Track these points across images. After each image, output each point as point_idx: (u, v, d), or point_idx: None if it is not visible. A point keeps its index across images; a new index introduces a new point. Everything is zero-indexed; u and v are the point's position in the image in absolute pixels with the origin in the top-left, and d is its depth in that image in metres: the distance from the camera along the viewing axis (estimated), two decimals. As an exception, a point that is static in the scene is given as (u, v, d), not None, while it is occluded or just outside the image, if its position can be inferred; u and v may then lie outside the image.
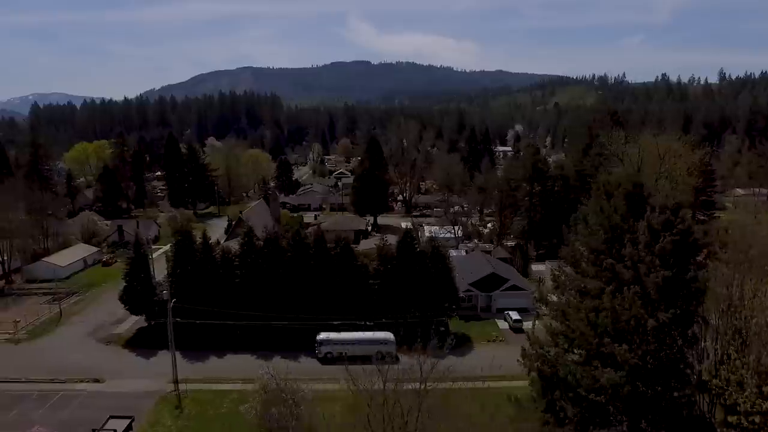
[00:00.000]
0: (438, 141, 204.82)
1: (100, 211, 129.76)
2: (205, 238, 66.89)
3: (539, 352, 38.46)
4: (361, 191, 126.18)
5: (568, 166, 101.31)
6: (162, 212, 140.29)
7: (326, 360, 61.04)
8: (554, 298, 44.33)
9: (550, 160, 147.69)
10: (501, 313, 75.76)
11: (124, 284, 67.71)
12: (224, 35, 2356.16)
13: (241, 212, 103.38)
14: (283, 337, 64.39)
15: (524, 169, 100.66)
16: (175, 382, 56.41)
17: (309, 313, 64.79)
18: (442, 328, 68.44)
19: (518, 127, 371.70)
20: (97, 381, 57.48)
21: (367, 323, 65.11)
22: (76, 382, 57.37)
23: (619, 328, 30.33)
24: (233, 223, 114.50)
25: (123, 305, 68.49)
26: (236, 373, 59.14)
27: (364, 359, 57.99)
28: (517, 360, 44.07)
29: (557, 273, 40.01)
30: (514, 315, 72.75)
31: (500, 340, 68.79)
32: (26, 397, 54.16)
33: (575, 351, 34.57)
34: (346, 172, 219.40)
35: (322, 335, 61.73)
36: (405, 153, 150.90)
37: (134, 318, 73.09)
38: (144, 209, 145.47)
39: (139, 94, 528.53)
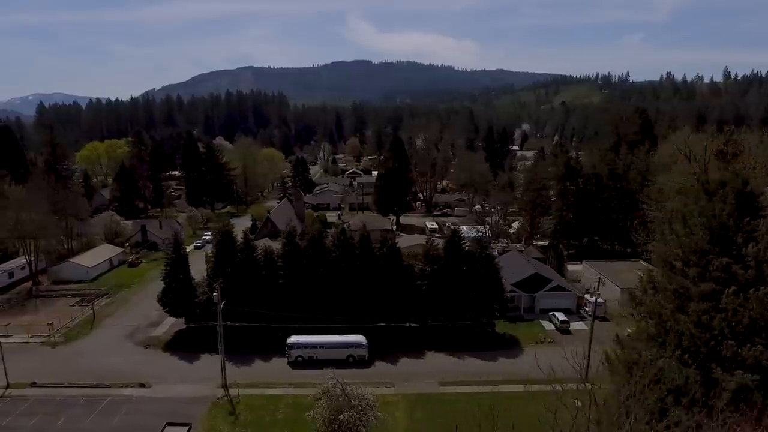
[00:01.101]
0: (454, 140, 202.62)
1: (116, 210, 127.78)
2: (247, 238, 65.08)
3: (632, 356, 36.73)
4: (384, 191, 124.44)
5: (601, 166, 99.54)
6: (182, 212, 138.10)
7: (297, 364, 59.44)
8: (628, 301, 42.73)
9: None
10: (544, 314, 74.28)
11: (163, 285, 65.90)
12: (224, 35, 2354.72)
13: (268, 212, 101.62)
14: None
15: (556, 168, 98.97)
16: (225, 386, 54.83)
17: (354, 315, 63.24)
18: (490, 330, 67.04)
19: (525, 126, 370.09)
20: (143, 386, 55.67)
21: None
22: (122, 387, 55.56)
23: (739, 330, 28.74)
24: (256, 222, 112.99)
25: (162, 307, 66.68)
26: (284, 376, 57.62)
27: (336, 362, 57.38)
28: (602, 362, 42.24)
29: (651, 275, 38.22)
30: (561, 316, 71.20)
31: (548, 342, 67.17)
32: (73, 403, 52.33)
33: (680, 355, 32.86)
34: (359, 171, 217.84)
35: (293, 338, 60.25)
36: (427, 152, 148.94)
37: (170, 320, 71.37)
38: (161, 209, 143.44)
39: (140, 94, 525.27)
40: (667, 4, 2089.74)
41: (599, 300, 76.14)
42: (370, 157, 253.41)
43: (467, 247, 65.28)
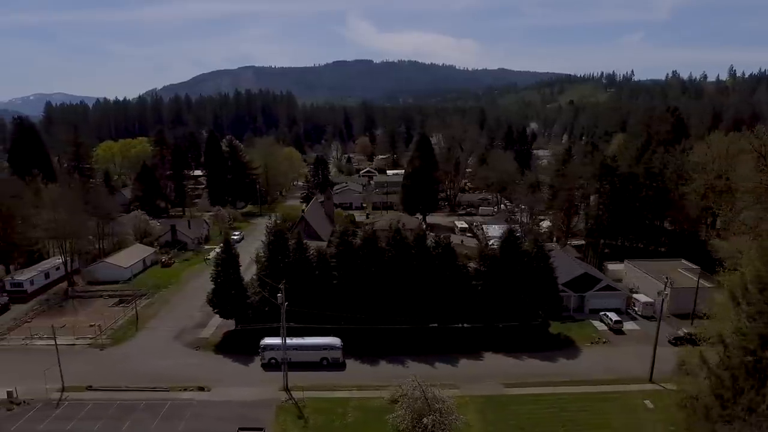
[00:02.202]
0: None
1: (137, 210, 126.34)
2: (300, 237, 63.91)
3: (741, 358, 35.62)
4: (411, 190, 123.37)
5: (637, 165, 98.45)
6: (207, 211, 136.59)
7: (270, 366, 58.39)
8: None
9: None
10: (593, 314, 73.31)
11: (212, 286, 64.71)
12: (225, 35, 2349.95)
13: (303, 211, 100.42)
14: (385, 341, 61.83)
15: (592, 166, 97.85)
16: (287, 389, 53.72)
17: (408, 315, 62.22)
18: (545, 330, 65.89)
19: (534, 125, 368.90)
20: (201, 389, 54.51)
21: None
22: (180, 390, 54.39)
23: None
24: (286, 222, 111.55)
25: (212, 308, 65.50)
26: (343, 378, 56.48)
27: (310, 365, 56.99)
28: (698, 363, 41.07)
29: (758, 272, 37.02)
30: (614, 316, 70.19)
31: (603, 342, 66.19)
32: (134, 406, 51.13)
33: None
34: (374, 171, 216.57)
35: (266, 340, 59.35)
36: (448, 151, 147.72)
37: (216, 321, 70.24)
38: (183, 209, 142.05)
39: (140, 94, 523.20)
40: (666, 3, 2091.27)
41: (648, 300, 75.23)
42: (382, 157, 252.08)
43: (523, 247, 64.22)
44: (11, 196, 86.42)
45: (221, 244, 60.26)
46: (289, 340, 58.13)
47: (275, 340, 58.44)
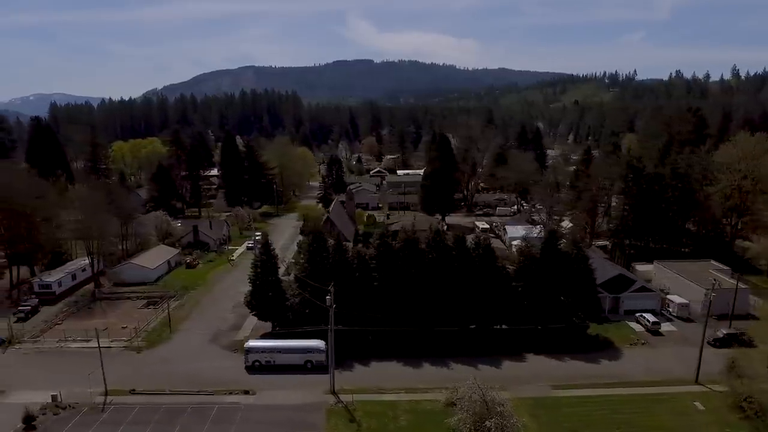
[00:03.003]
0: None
1: (152, 211, 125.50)
2: (339, 239, 63.39)
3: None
4: (431, 190, 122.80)
5: (662, 166, 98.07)
6: (224, 212, 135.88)
7: (254, 368, 58.25)
8: None
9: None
10: (628, 315, 72.91)
11: (250, 288, 64.18)
12: (224, 34, 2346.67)
13: (328, 211, 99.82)
14: (427, 342, 61.40)
15: (618, 167, 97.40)
16: (334, 392, 53.19)
17: (449, 317, 61.74)
18: (585, 332, 65.44)
19: (539, 125, 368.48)
20: (247, 393, 53.96)
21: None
22: (225, 393, 53.88)
23: None
24: (307, 222, 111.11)
25: (250, 311, 64.99)
26: (388, 381, 55.92)
27: (294, 368, 56.94)
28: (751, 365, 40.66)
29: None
30: (651, 317, 69.79)
31: (642, 343, 65.77)
32: (180, 410, 50.57)
33: None
34: (383, 171, 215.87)
35: (250, 342, 59.77)
36: (464, 151, 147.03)
37: (251, 323, 69.74)
38: (199, 209, 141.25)
39: (142, 94, 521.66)
40: (666, 3, 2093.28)
41: (683, 301, 74.77)
42: (390, 157, 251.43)
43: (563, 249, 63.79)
44: (36, 197, 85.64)
45: (245, 244, 60.21)
46: (272, 343, 59.26)
47: (260, 343, 59.54)
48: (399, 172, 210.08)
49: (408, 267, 61.81)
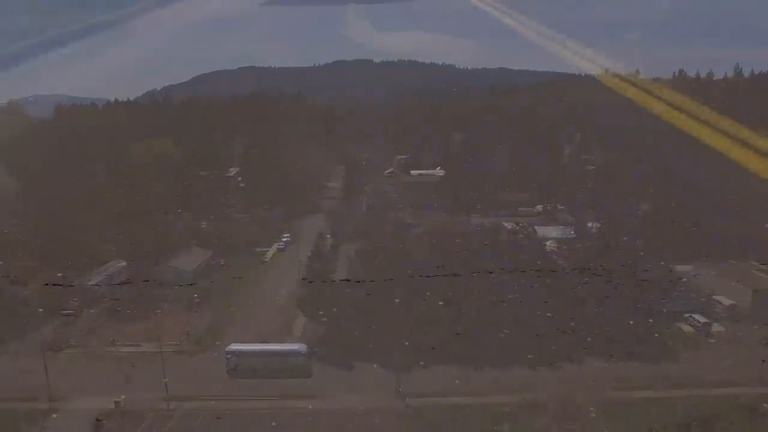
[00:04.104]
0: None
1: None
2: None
3: None
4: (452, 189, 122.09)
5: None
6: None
7: (235, 372, 57.68)
8: None
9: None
10: (676, 315, 72.41)
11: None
12: (224, 34, 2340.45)
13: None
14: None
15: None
16: (401, 395, 52.74)
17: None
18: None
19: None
20: (313, 396, 53.47)
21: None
22: (289, 398, 53.37)
23: None
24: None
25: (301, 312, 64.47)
26: (451, 383, 55.37)
27: (277, 372, 56.30)
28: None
29: None
30: (701, 318, 69.47)
31: (695, 344, 65.48)
32: (250, 417, 50.07)
33: None
34: (396, 171, 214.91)
35: (233, 346, 59.27)
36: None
37: (299, 323, 68.99)
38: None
39: (141, 94, 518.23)
40: (665, 2, 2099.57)
41: (731, 302, 74.33)
42: (401, 157, 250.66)
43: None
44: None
45: (275, 246, 60.49)
46: (255, 346, 58.76)
47: (241, 346, 59.01)
48: (412, 172, 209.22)
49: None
